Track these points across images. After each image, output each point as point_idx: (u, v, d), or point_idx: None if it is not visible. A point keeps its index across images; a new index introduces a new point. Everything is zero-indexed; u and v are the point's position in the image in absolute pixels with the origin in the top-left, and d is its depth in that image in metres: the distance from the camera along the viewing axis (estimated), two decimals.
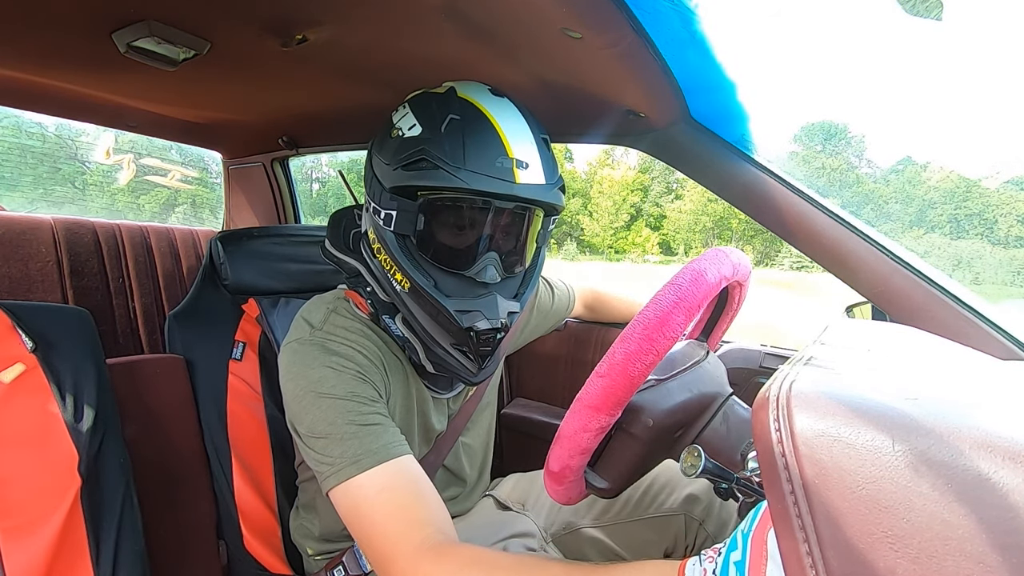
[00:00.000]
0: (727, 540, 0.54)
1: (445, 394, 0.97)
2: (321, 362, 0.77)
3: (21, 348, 0.83)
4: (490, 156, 0.75)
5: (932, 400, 0.39)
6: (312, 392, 0.75)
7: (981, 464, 0.32)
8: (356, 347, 0.81)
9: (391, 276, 0.79)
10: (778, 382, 0.40)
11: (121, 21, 0.88)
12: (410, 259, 0.77)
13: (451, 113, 0.76)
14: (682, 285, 0.62)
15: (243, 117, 1.56)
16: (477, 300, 0.78)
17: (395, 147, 0.77)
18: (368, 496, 0.69)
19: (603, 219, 33.55)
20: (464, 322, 0.76)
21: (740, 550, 0.53)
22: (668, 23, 0.80)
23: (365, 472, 0.69)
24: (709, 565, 0.54)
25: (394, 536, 0.65)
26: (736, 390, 0.75)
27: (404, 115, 0.79)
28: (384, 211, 0.77)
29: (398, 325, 0.84)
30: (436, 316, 0.78)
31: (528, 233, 0.84)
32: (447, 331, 0.79)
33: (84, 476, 0.83)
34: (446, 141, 0.74)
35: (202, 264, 1.17)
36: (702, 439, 0.70)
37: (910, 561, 0.31)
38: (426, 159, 0.73)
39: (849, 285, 1.06)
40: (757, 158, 1.10)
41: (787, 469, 0.36)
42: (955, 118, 56.58)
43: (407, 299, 0.79)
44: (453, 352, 0.80)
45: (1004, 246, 15.57)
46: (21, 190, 4.90)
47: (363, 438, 0.72)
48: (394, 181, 0.76)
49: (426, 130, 0.76)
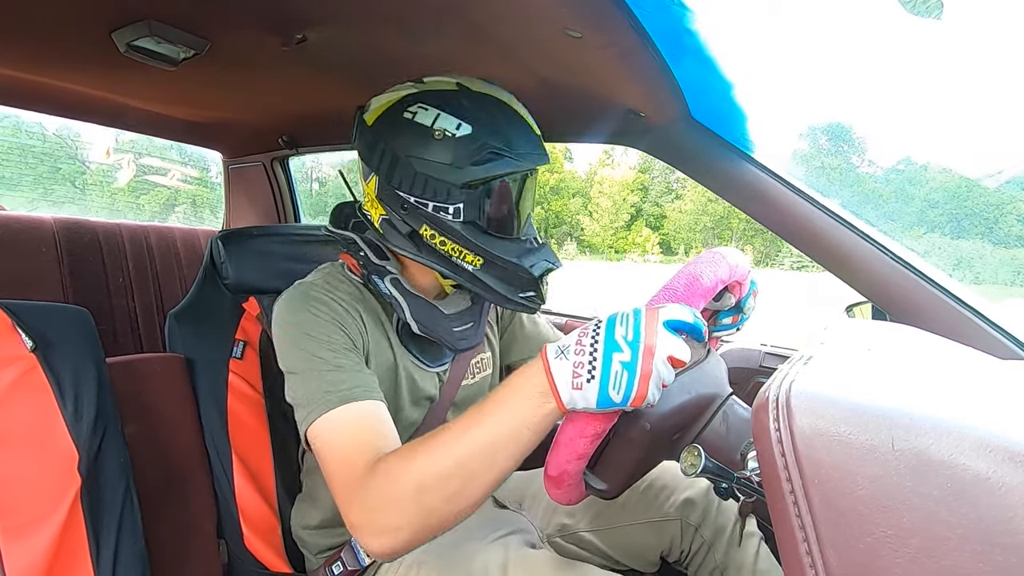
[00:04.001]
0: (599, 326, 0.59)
1: (432, 366, 1.00)
2: (302, 305, 0.85)
3: (21, 347, 0.83)
4: (527, 136, 0.87)
5: (931, 400, 0.39)
6: (293, 332, 0.83)
7: (980, 464, 0.32)
8: (335, 297, 0.88)
9: (460, 260, 0.87)
10: (778, 382, 0.40)
11: (121, 20, 0.88)
12: (478, 240, 0.85)
13: (484, 107, 0.86)
14: (676, 290, 0.62)
15: (243, 117, 1.56)
16: (537, 253, 0.90)
17: (450, 147, 0.83)
18: (334, 429, 0.75)
19: (603, 219, 33.54)
20: (537, 271, 0.87)
21: (627, 350, 0.57)
22: (668, 22, 0.80)
23: (333, 409, 0.76)
24: (580, 357, 0.59)
25: (350, 458, 0.72)
26: (736, 390, 0.75)
27: (436, 116, 0.84)
28: (453, 205, 0.84)
29: (387, 285, 0.90)
30: (507, 277, 0.88)
31: (534, 191, 0.96)
32: (516, 285, 0.88)
33: (84, 475, 0.83)
34: (498, 133, 0.84)
35: (202, 263, 1.17)
36: (702, 439, 0.70)
37: (909, 560, 0.31)
38: (493, 151, 0.83)
39: (849, 285, 1.06)
40: (757, 157, 1.09)
41: (787, 469, 0.36)
42: (957, 117, 56.64)
43: (479, 274, 0.87)
44: (522, 301, 0.89)
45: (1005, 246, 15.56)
46: (21, 189, 4.90)
47: (333, 378, 0.78)
48: (466, 177, 0.83)
49: (476, 127, 0.83)
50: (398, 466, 0.67)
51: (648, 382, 0.57)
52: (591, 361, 0.58)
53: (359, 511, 0.69)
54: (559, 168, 33.19)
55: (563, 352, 0.60)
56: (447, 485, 0.64)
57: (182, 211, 8.89)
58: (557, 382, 0.59)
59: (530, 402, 0.62)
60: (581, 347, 0.59)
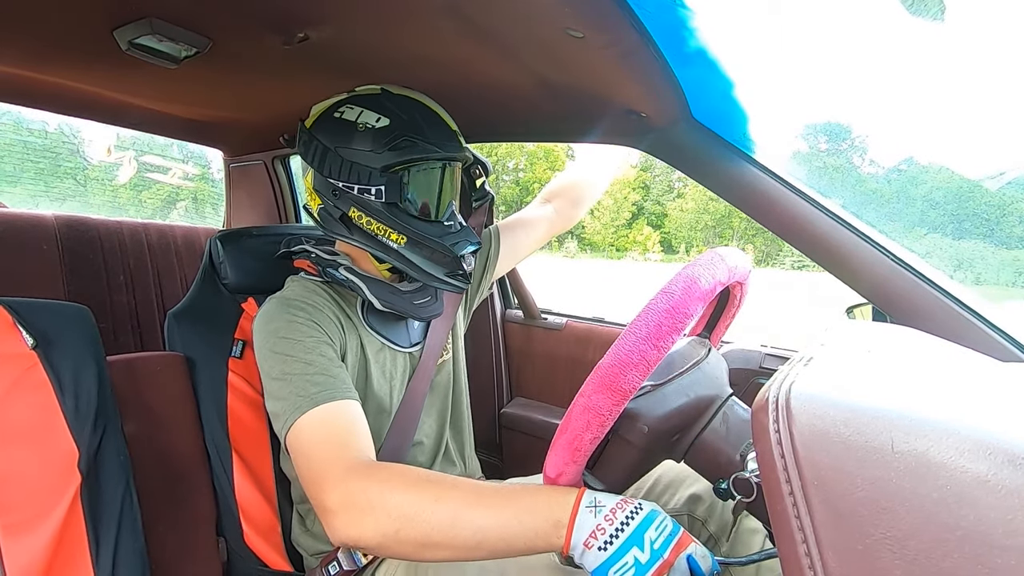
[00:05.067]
0: (638, 512, 0.62)
1: (403, 347, 1.07)
2: (279, 314, 0.92)
3: (22, 345, 0.83)
4: (442, 129, 0.98)
5: (931, 402, 0.39)
6: (269, 339, 0.89)
7: (980, 466, 0.32)
8: (309, 301, 0.95)
9: (386, 239, 0.96)
10: (777, 383, 0.40)
11: (123, 18, 0.88)
12: (401, 220, 0.95)
13: (403, 105, 0.97)
14: (674, 293, 0.62)
15: (244, 115, 1.56)
16: (458, 234, 0.99)
17: (370, 136, 0.94)
18: (307, 430, 0.80)
19: (604, 217, 33.48)
20: (457, 250, 0.96)
21: (647, 554, 0.60)
22: (669, 23, 0.80)
23: (306, 413, 0.80)
24: (607, 525, 0.61)
25: (326, 461, 0.75)
26: (736, 390, 0.75)
27: (360, 112, 0.95)
28: (374, 187, 0.94)
29: (342, 272, 0.98)
30: (432, 255, 0.96)
31: (456, 184, 1.05)
32: (441, 264, 0.97)
33: (84, 473, 0.83)
34: (412, 124, 0.95)
35: (201, 263, 1.17)
36: (701, 440, 0.70)
37: (908, 562, 0.31)
38: (407, 138, 0.93)
39: (850, 286, 1.06)
40: (758, 158, 1.09)
41: (786, 471, 0.36)
42: (959, 118, 56.41)
43: (405, 251, 0.96)
44: (448, 279, 0.97)
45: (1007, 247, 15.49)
46: (23, 184, 4.89)
47: (304, 382, 0.83)
48: (384, 161, 0.93)
49: (394, 120, 0.94)
50: (392, 485, 0.70)
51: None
52: (613, 536, 0.61)
53: (339, 498, 0.71)
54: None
55: (596, 508, 0.62)
56: (427, 534, 0.66)
57: (183, 207, 8.84)
58: (575, 528, 0.62)
59: (542, 521, 0.64)
60: (612, 518, 0.62)
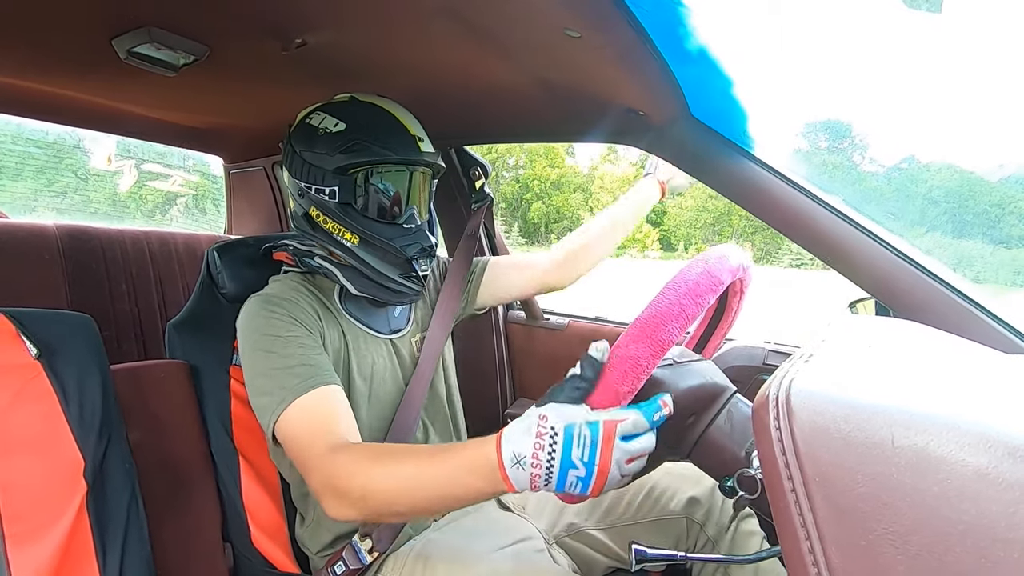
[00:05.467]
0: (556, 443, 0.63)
1: (383, 333, 1.10)
2: (257, 311, 0.95)
3: (26, 355, 0.83)
4: (398, 135, 0.99)
5: (932, 397, 0.38)
6: (250, 336, 0.93)
7: (981, 460, 0.31)
8: (288, 296, 0.98)
9: (340, 237, 0.99)
10: (778, 380, 0.40)
11: (121, 27, 0.88)
12: (354, 220, 0.98)
13: (363, 111, 1.00)
14: (709, 260, 0.65)
15: (244, 122, 1.56)
16: (411, 236, 1.01)
17: (327, 140, 0.97)
18: (293, 421, 0.85)
19: None
20: (408, 252, 0.99)
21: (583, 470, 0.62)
22: (667, 21, 0.80)
23: (290, 405, 0.85)
24: (537, 470, 0.63)
25: (310, 447, 0.81)
26: (740, 388, 0.75)
27: (323, 118, 0.99)
28: (328, 188, 0.98)
29: (317, 261, 1.03)
30: (384, 256, 0.99)
31: (427, 189, 1.07)
32: (394, 265, 1.00)
33: (90, 482, 0.83)
34: (367, 129, 0.98)
35: (200, 273, 1.18)
36: (707, 436, 0.70)
37: (911, 557, 0.31)
38: (358, 142, 0.96)
39: (853, 281, 1.05)
40: (758, 155, 1.09)
41: (787, 467, 0.36)
42: (959, 112, 56.06)
43: (358, 251, 0.99)
44: (401, 280, 1.01)
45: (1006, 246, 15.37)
46: (24, 180, 4.90)
47: (286, 375, 0.88)
48: (337, 163, 0.96)
49: (350, 125, 0.97)
50: (357, 465, 0.77)
51: (602, 487, 0.64)
52: (547, 475, 0.63)
53: (321, 481, 0.79)
54: (560, 164, 33.18)
55: (519, 462, 0.65)
56: (396, 502, 0.75)
57: (183, 203, 8.86)
58: (514, 484, 0.66)
59: (484, 484, 0.68)
60: (538, 461, 0.63)
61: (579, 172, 34.75)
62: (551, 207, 34.04)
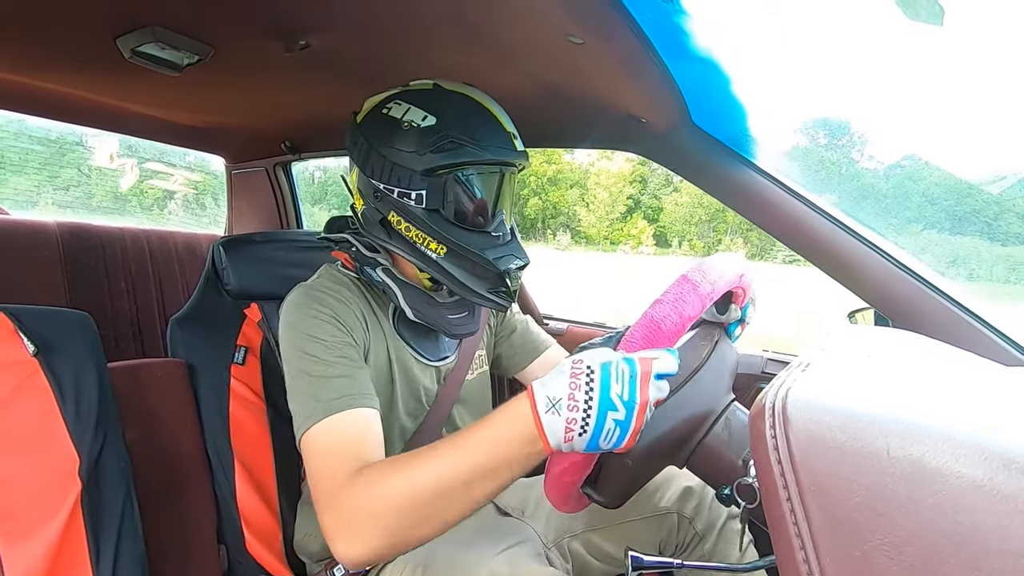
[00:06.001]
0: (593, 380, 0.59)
1: (431, 360, 1.02)
2: (301, 306, 0.88)
3: (23, 352, 0.83)
4: (495, 132, 0.90)
5: (928, 407, 0.38)
6: (291, 332, 0.86)
7: (975, 471, 0.31)
8: (334, 295, 0.90)
9: (424, 247, 0.90)
10: (775, 389, 0.40)
11: (125, 27, 0.89)
12: (442, 228, 0.88)
13: (453, 102, 0.90)
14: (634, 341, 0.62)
15: (246, 122, 1.56)
16: (504, 247, 0.92)
17: (416, 137, 0.87)
18: (321, 440, 0.77)
19: (599, 210, 33.40)
20: (501, 265, 0.89)
21: (622, 411, 0.58)
22: (669, 28, 0.80)
23: (321, 421, 0.77)
24: (574, 414, 0.58)
25: (325, 478, 0.73)
26: (738, 395, 0.75)
27: (407, 109, 0.89)
28: (415, 192, 0.88)
29: (379, 274, 0.94)
30: (473, 269, 0.90)
31: (513, 192, 0.98)
32: (484, 279, 0.90)
33: (85, 480, 0.83)
34: (462, 125, 0.87)
35: (204, 269, 1.17)
36: (704, 446, 0.70)
37: (905, 568, 0.31)
38: (453, 141, 0.86)
39: (852, 291, 1.06)
40: (759, 163, 1.09)
41: (783, 476, 0.36)
42: (961, 119, 56.11)
43: (444, 263, 0.90)
44: (489, 295, 0.91)
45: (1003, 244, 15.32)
46: (27, 174, 4.91)
47: (323, 386, 0.80)
48: (426, 164, 0.87)
49: (441, 119, 0.87)
50: (377, 483, 0.68)
51: (638, 434, 0.59)
52: (585, 418, 0.58)
53: (333, 519, 0.70)
54: (557, 159, 33.21)
55: (555, 406, 0.59)
56: (422, 510, 0.66)
57: (182, 197, 8.90)
58: (548, 436, 0.60)
59: (517, 445, 0.62)
60: (575, 402, 0.59)
61: (576, 168, 34.65)
62: (547, 202, 34.02)
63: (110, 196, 8.57)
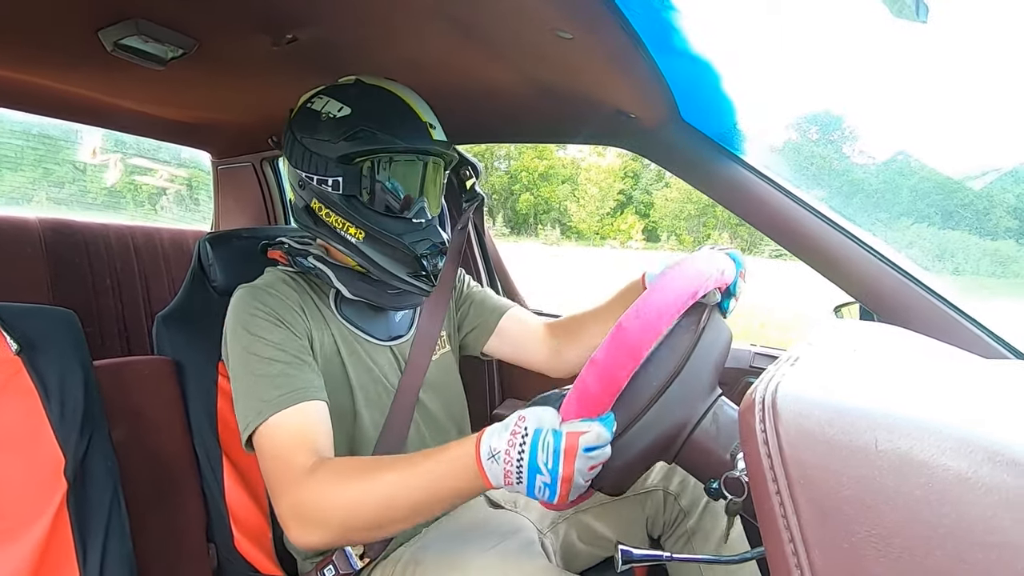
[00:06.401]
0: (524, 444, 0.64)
1: (382, 339, 1.04)
2: (243, 304, 0.92)
3: (5, 350, 0.82)
4: (409, 122, 0.94)
5: (914, 401, 0.39)
6: (235, 332, 0.90)
7: (961, 464, 0.32)
8: (274, 293, 0.93)
9: (344, 232, 0.94)
10: (764, 384, 0.40)
11: (107, 19, 0.87)
12: (359, 213, 0.93)
13: (369, 94, 0.95)
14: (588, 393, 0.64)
15: (232, 117, 1.55)
16: (421, 231, 0.95)
17: (331, 127, 0.92)
18: (267, 436, 0.81)
19: (589, 205, 33.51)
20: (418, 249, 0.93)
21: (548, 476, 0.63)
22: (658, 24, 0.80)
23: (269, 418, 0.81)
24: (509, 467, 0.65)
25: (279, 470, 0.79)
26: (726, 390, 0.75)
27: (327, 102, 0.93)
28: (331, 178, 0.92)
29: (311, 261, 0.98)
30: (393, 254, 0.94)
31: (439, 181, 1.01)
32: (402, 263, 0.95)
33: (70, 480, 0.82)
34: (374, 114, 0.92)
35: (190, 265, 1.16)
36: (693, 438, 0.70)
37: (892, 560, 0.31)
38: (364, 130, 0.91)
39: (838, 285, 1.07)
40: (747, 159, 1.10)
41: (772, 470, 0.36)
42: (949, 114, 56.81)
43: (363, 247, 0.94)
44: (410, 279, 0.95)
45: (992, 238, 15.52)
46: (23, 170, 4.85)
47: (267, 384, 0.84)
48: (340, 151, 0.91)
49: (355, 110, 0.92)
50: (333, 485, 0.74)
51: (567, 495, 0.65)
52: (518, 472, 0.64)
53: (290, 508, 0.76)
54: (549, 155, 33.28)
55: (494, 456, 0.66)
56: (370, 519, 0.73)
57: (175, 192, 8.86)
58: (491, 479, 0.67)
59: (463, 480, 0.69)
60: (510, 458, 0.65)
61: (568, 164, 34.71)
62: (539, 197, 34.08)
63: (104, 192, 8.51)
